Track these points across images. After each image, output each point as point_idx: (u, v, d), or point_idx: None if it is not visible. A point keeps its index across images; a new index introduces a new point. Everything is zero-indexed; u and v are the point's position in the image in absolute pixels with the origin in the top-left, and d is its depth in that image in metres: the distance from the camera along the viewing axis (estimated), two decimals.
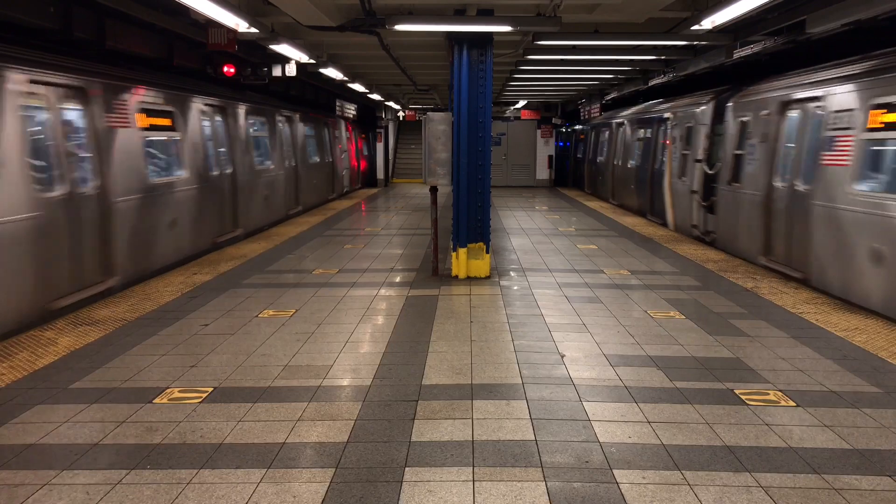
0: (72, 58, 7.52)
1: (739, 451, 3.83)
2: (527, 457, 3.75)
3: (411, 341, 5.90)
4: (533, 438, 3.98)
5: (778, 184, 9.07)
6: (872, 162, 7.17)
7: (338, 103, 20.10)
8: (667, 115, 14.19)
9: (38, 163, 6.63)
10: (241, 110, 12.54)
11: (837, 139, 7.66)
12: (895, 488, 3.43)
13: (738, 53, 10.34)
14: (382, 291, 7.82)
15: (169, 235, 9.29)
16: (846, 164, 7.43)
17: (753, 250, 9.71)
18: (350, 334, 6.11)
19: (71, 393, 4.69)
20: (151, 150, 9.08)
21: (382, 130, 25.76)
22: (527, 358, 5.44)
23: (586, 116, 21.88)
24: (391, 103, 24.48)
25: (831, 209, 7.62)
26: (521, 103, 25.67)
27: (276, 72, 11.53)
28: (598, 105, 20.35)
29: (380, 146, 25.94)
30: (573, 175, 25.57)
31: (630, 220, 14.61)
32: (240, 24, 7.81)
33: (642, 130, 16.12)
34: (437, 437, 4.00)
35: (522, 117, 26.42)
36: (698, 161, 12.10)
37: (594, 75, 16.39)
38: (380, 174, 25.90)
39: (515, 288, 8.00)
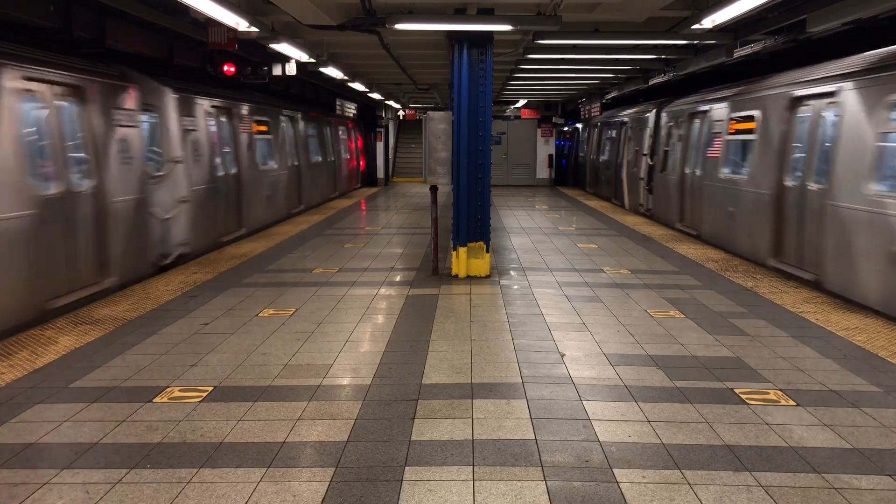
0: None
1: (739, 450, 3.83)
2: (527, 456, 3.75)
3: (411, 340, 5.90)
4: (533, 438, 3.98)
5: (687, 171, 12.72)
6: (731, 155, 10.91)
7: (338, 102, 20.10)
8: (626, 119, 17.41)
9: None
10: (298, 118, 16.21)
11: (715, 140, 11.38)
12: (895, 488, 3.43)
13: (739, 53, 10.33)
14: (382, 290, 7.82)
15: (273, 204, 13.97)
16: (718, 157, 11.20)
17: (674, 220, 13.32)
18: (350, 333, 6.11)
19: (71, 392, 4.69)
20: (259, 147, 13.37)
21: (383, 129, 25.76)
22: (527, 357, 5.44)
23: (586, 116, 21.91)
24: (391, 102, 24.49)
25: (714, 186, 11.32)
26: (522, 102, 25.67)
27: (277, 71, 11.53)
28: (599, 104, 20.35)
29: (380, 145, 25.94)
30: (573, 174, 25.59)
31: (630, 220, 14.61)
32: (240, 23, 7.80)
33: (611, 131, 19.10)
34: (437, 436, 4.00)
35: (523, 116, 26.41)
36: (644, 155, 15.37)
37: (594, 74, 16.39)
38: (380, 173, 25.91)
39: (515, 287, 8.00)
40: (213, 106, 11.19)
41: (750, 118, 10.09)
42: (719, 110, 11.24)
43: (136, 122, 8.57)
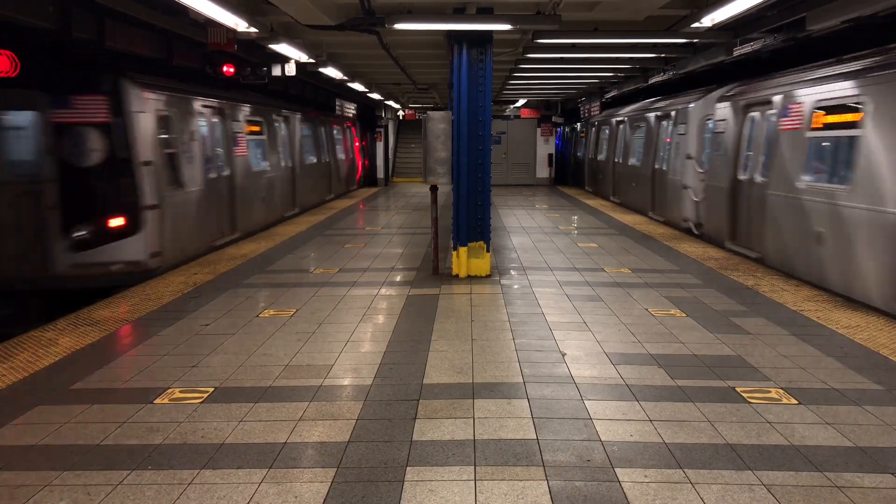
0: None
1: (741, 449, 3.82)
2: (528, 456, 3.75)
3: (412, 340, 5.89)
4: (534, 437, 3.97)
5: (657, 166, 14.59)
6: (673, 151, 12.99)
7: (337, 102, 20.10)
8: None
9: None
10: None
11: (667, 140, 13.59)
12: None
13: (738, 51, 10.32)
14: (383, 291, 7.82)
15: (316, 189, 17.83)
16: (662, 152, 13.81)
17: (645, 207, 15.32)
18: (351, 334, 6.11)
19: (72, 393, 4.69)
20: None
21: (382, 129, 25.75)
22: (528, 357, 5.43)
23: (586, 115, 21.92)
24: (391, 102, 24.48)
25: (666, 174, 13.58)
26: (521, 102, 25.67)
27: (276, 71, 11.53)
28: (598, 103, 20.36)
29: (380, 145, 25.93)
30: (573, 173, 25.59)
31: (630, 219, 14.60)
32: (239, 24, 7.80)
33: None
34: (438, 436, 4.00)
35: (522, 116, 26.40)
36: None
37: (594, 73, 16.38)
38: (380, 173, 25.90)
39: (516, 286, 8.00)
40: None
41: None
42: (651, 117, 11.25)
43: (244, 132, 12.63)
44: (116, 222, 8.63)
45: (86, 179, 8.46)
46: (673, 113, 13.73)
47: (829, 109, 7.90)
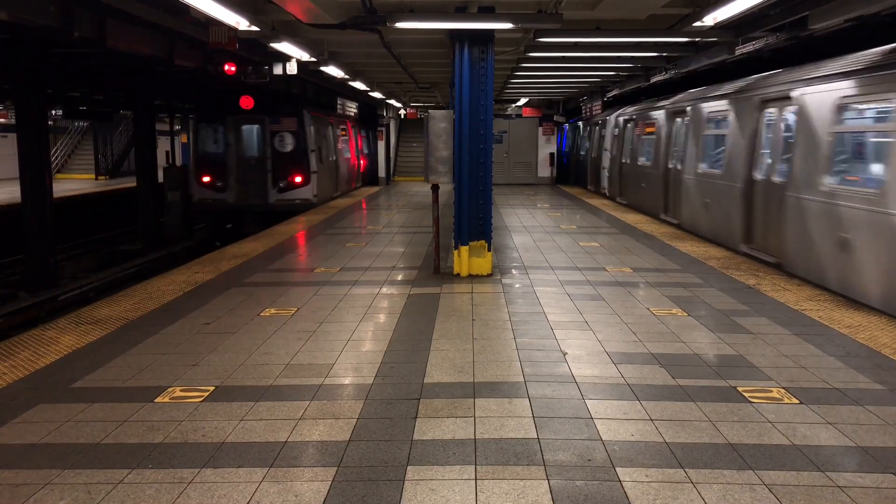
0: None
1: (743, 448, 3.82)
2: (529, 455, 3.74)
3: (413, 339, 5.89)
4: (535, 437, 3.97)
5: (624, 160, 17.47)
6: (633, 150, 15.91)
7: (339, 101, 20.11)
8: (581, 123, 21.27)
9: None
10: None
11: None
12: None
13: (741, 50, 10.31)
14: (384, 290, 7.81)
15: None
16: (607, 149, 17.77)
17: (614, 193, 18.56)
18: (352, 333, 6.11)
19: (72, 392, 4.69)
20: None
21: (384, 128, 25.74)
22: (529, 356, 5.42)
23: (588, 114, 21.90)
24: (392, 101, 24.46)
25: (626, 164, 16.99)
26: (523, 101, 25.65)
27: (277, 70, 11.55)
28: (600, 102, 20.33)
29: (381, 144, 25.92)
30: (575, 172, 25.58)
31: (632, 218, 14.59)
32: (240, 23, 7.81)
33: (584, 131, 22.37)
34: (439, 435, 3.99)
35: (524, 115, 26.38)
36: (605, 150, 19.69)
37: (596, 72, 16.36)
38: (381, 172, 25.89)
39: (517, 286, 7.99)
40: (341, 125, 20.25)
41: None
42: (609, 121, 14.27)
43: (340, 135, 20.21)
44: (298, 179, 17.06)
45: (285, 158, 17.02)
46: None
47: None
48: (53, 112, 25.82)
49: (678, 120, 13.63)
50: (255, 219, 16.86)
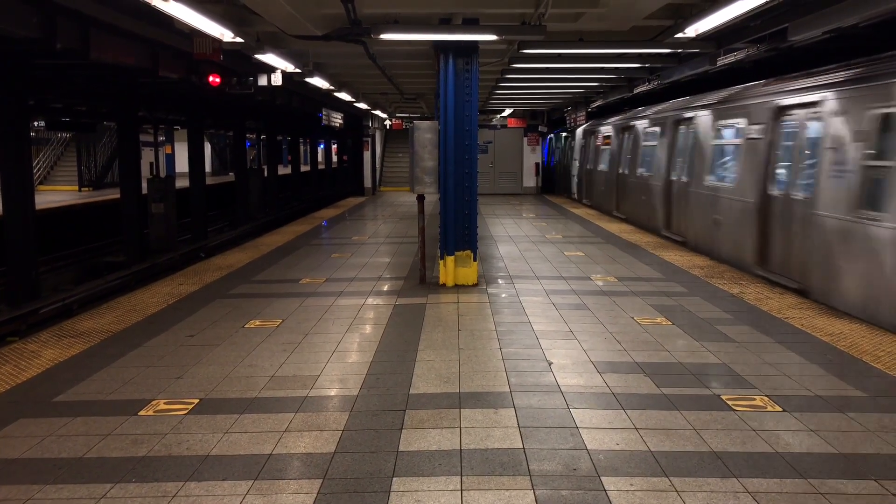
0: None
1: (726, 456, 3.84)
2: (515, 465, 3.74)
3: (399, 350, 5.88)
4: (521, 446, 3.97)
5: (592, 167, 19.46)
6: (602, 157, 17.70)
7: (324, 112, 20.11)
8: (565, 134, 22.30)
9: None
10: None
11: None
12: (881, 492, 3.45)
13: (722, 61, 10.43)
14: (370, 300, 7.80)
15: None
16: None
17: (581, 196, 20.69)
18: (337, 344, 6.09)
19: (55, 406, 4.64)
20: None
21: (369, 139, 25.76)
22: (515, 366, 5.43)
23: (572, 124, 22.04)
24: (378, 112, 24.50)
25: (596, 171, 18.82)
26: (508, 111, 25.78)
27: (262, 81, 11.56)
28: (584, 113, 20.48)
29: (367, 155, 25.93)
30: (560, 182, 25.71)
31: (616, 227, 14.68)
32: (225, 34, 7.80)
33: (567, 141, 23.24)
34: (424, 446, 3.99)
35: (509, 125, 26.50)
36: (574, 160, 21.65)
37: (579, 83, 16.49)
38: (367, 183, 25.89)
39: (503, 295, 8.01)
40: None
41: None
42: (581, 133, 17.17)
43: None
44: None
45: None
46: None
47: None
48: (35, 123, 25.62)
49: (625, 134, 16.87)
50: None
